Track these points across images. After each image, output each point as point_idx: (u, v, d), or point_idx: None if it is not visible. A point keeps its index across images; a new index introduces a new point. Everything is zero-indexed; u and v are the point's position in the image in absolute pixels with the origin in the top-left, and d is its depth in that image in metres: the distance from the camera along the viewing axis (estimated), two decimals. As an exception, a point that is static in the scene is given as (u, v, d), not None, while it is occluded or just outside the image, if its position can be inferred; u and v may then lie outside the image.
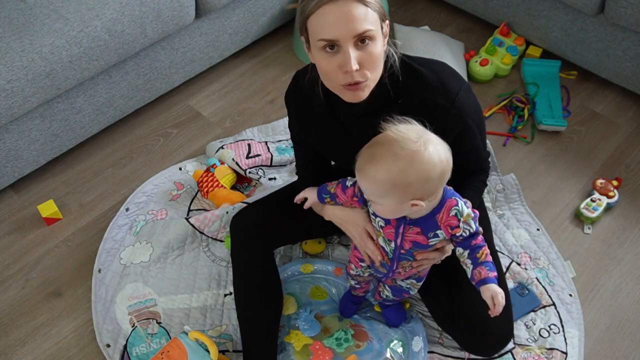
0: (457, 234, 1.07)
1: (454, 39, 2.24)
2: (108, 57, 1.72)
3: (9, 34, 1.57)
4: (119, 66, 1.83)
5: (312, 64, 1.17)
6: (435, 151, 1.00)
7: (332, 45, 1.03)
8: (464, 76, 2.09)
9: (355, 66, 1.03)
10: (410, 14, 2.42)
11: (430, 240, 1.10)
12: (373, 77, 1.09)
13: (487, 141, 1.90)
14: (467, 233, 1.06)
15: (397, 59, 1.15)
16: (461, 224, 1.06)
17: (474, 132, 1.18)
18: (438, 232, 1.08)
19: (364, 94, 1.10)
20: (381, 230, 1.16)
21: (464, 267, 1.12)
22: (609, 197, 1.74)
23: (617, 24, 1.86)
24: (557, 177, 1.86)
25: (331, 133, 1.27)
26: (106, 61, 1.73)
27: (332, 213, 1.30)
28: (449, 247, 1.16)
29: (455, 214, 1.05)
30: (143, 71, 1.91)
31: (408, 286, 1.33)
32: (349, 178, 1.21)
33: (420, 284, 1.32)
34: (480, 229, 1.09)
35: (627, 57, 1.91)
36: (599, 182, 1.78)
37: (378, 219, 1.15)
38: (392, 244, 1.15)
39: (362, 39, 1.03)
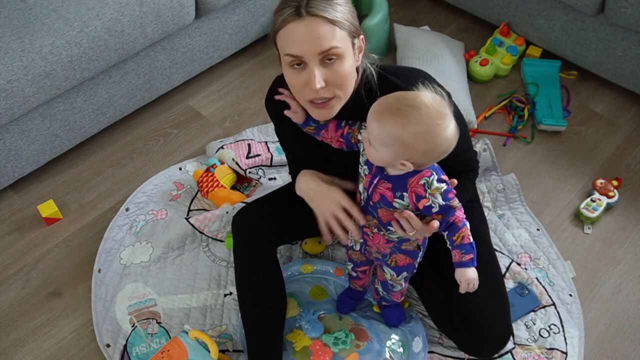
0: (427, 205, 1.08)
1: (454, 39, 2.24)
2: (108, 57, 1.72)
3: (9, 34, 1.57)
4: (119, 66, 1.83)
5: None
6: (450, 133, 1.03)
7: (299, 62, 1.07)
8: (464, 76, 2.09)
9: (319, 84, 1.07)
10: (410, 14, 2.42)
11: (395, 199, 1.11)
12: (343, 93, 1.12)
13: (488, 141, 1.90)
14: (437, 206, 1.08)
15: (373, 72, 1.18)
16: (428, 196, 1.07)
17: None
18: (404, 194, 1.10)
19: (332, 112, 1.14)
20: (364, 177, 1.18)
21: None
22: (609, 197, 1.74)
23: (617, 24, 1.86)
24: (557, 177, 1.86)
25: (310, 141, 1.29)
26: (106, 61, 1.73)
27: (306, 186, 1.28)
28: (435, 224, 1.12)
29: (424, 183, 1.07)
30: (143, 71, 1.91)
31: (391, 282, 1.33)
32: (349, 122, 1.20)
33: (401, 279, 1.31)
34: (458, 205, 1.09)
35: (627, 57, 1.91)
36: (599, 182, 1.78)
37: (365, 167, 1.17)
38: (366, 194, 1.18)
39: (328, 57, 1.06)
